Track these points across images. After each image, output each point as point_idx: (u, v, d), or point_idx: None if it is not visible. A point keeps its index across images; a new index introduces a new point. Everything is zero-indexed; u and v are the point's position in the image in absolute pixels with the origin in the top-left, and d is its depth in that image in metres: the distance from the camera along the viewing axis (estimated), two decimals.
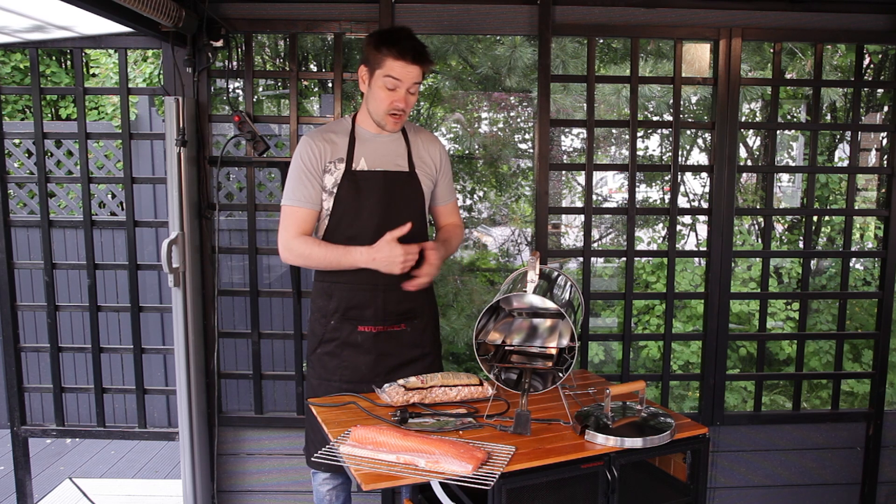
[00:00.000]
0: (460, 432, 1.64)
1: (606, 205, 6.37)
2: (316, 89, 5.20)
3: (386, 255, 1.88)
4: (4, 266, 2.70)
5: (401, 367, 2.06)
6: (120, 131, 2.67)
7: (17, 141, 4.80)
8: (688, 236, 5.68)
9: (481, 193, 5.29)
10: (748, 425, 2.85)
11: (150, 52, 6.24)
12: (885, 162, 2.87)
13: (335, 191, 1.99)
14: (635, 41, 2.64)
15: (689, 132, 5.21)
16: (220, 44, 2.52)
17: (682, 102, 3.54)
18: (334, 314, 2.04)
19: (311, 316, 2.12)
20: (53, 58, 7.35)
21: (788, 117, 5.69)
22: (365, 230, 1.99)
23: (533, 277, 1.76)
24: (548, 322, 1.87)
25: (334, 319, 2.04)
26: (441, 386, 1.85)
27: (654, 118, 4.18)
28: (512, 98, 5.64)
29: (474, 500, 1.60)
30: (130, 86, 2.84)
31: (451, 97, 5.28)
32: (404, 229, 1.90)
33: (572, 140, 5.81)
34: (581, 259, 2.78)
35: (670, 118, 2.78)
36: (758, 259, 3.88)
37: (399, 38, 1.91)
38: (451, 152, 4.97)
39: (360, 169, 2.00)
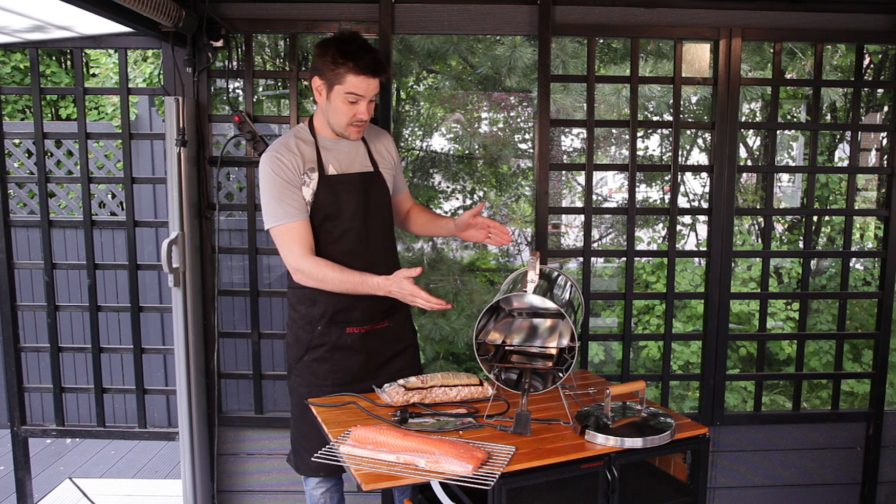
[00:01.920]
0: (460, 432, 1.64)
1: (606, 205, 6.38)
2: None
3: (399, 291, 1.85)
4: (4, 266, 2.70)
5: (387, 363, 2.09)
6: (120, 131, 2.67)
7: (17, 141, 4.80)
8: (688, 236, 5.69)
9: (481, 193, 5.30)
10: (748, 425, 2.85)
11: (150, 52, 6.24)
12: (885, 162, 2.87)
13: (313, 199, 1.96)
14: (635, 41, 2.64)
15: (689, 132, 5.22)
16: (220, 44, 2.52)
17: (682, 102, 3.54)
18: (321, 319, 2.02)
19: (293, 324, 2.08)
20: (53, 58, 7.34)
21: (788, 117, 5.69)
22: (347, 233, 1.99)
23: (533, 277, 1.76)
24: (548, 322, 1.87)
25: (321, 325, 2.03)
26: (441, 386, 1.85)
27: (654, 118, 4.18)
28: (512, 98, 5.64)
29: (474, 500, 1.60)
30: (130, 86, 2.84)
31: (451, 97, 5.28)
32: (416, 271, 1.83)
33: (572, 140, 5.81)
34: (581, 259, 2.78)
35: (670, 118, 2.78)
36: (758, 259, 3.88)
37: (355, 51, 1.87)
38: (451, 152, 4.97)
39: (333, 174, 1.99)
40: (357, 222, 2.00)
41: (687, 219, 5.59)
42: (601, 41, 4.79)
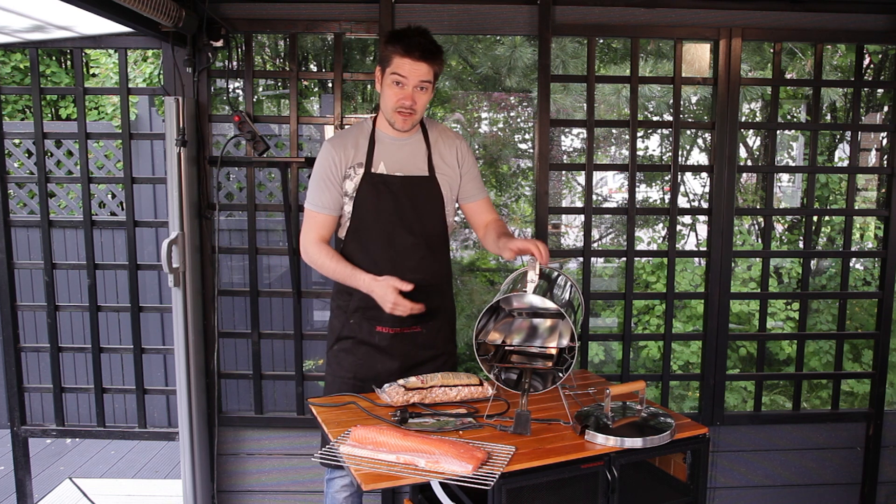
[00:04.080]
0: (460, 432, 1.64)
1: (606, 205, 6.37)
2: (316, 89, 5.21)
3: (381, 294, 1.88)
4: (4, 266, 2.70)
5: (414, 368, 2.07)
6: (120, 131, 2.67)
7: (17, 141, 4.80)
8: (688, 236, 5.68)
9: None
10: (748, 425, 2.85)
11: (150, 52, 6.24)
12: (885, 162, 2.87)
13: (355, 195, 1.99)
14: (635, 41, 2.64)
15: (689, 132, 5.21)
16: (220, 44, 2.52)
17: (682, 102, 3.54)
18: (354, 313, 2.05)
19: (332, 312, 2.14)
20: (53, 58, 7.34)
21: (788, 117, 5.69)
22: (383, 235, 1.99)
23: (533, 277, 1.76)
24: (548, 322, 1.87)
25: (354, 318, 2.06)
26: (441, 386, 1.85)
27: (654, 118, 4.18)
28: (512, 98, 5.64)
29: (474, 500, 1.60)
30: (130, 86, 2.84)
31: (451, 97, 5.28)
32: (408, 286, 1.85)
33: (572, 140, 5.81)
34: (581, 259, 2.78)
35: (670, 118, 2.78)
36: (758, 259, 3.87)
37: (408, 35, 1.90)
38: None
39: (379, 172, 2.00)
40: (392, 225, 1.99)
41: (687, 219, 5.59)
42: (601, 41, 4.79)
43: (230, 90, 2.99)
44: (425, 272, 2.03)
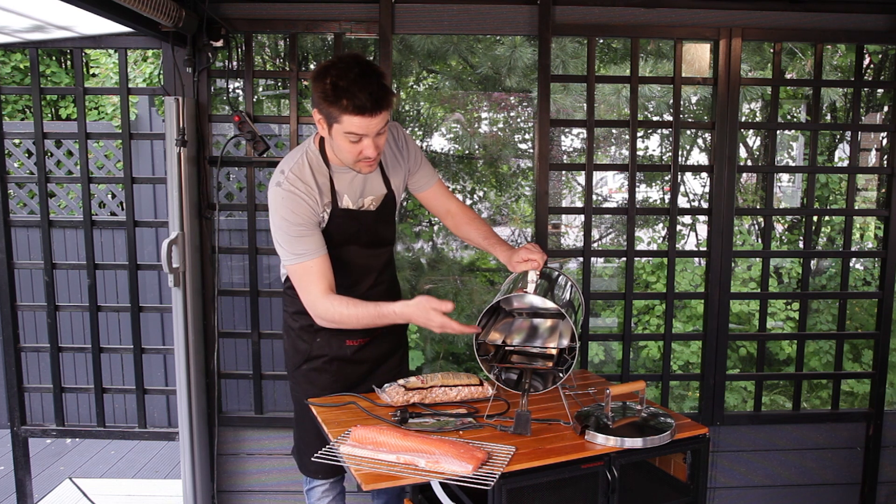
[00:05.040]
0: (460, 432, 1.64)
1: (606, 205, 6.38)
2: None
3: (423, 320, 1.70)
4: (4, 266, 2.70)
5: (378, 367, 2.08)
6: (120, 131, 2.67)
7: (17, 141, 4.80)
8: (688, 236, 5.69)
9: (481, 193, 5.30)
10: (748, 425, 2.85)
11: (150, 52, 6.24)
12: (885, 162, 2.87)
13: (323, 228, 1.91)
14: (635, 41, 2.64)
15: (689, 132, 5.22)
16: (220, 44, 2.52)
17: (682, 102, 3.54)
18: (320, 331, 1.99)
19: (291, 332, 2.06)
20: (53, 58, 7.34)
21: (788, 117, 5.69)
22: (348, 261, 1.96)
23: (533, 277, 1.76)
24: (548, 322, 1.87)
25: (321, 336, 2.01)
26: (441, 386, 1.85)
27: (654, 118, 4.18)
28: (512, 98, 5.64)
29: (474, 500, 1.60)
30: (130, 86, 2.84)
31: (451, 97, 5.28)
32: (449, 306, 1.66)
33: (572, 140, 5.81)
34: (581, 259, 2.78)
35: (670, 118, 2.78)
36: (758, 259, 3.88)
37: (350, 86, 1.64)
38: (451, 152, 4.97)
39: (345, 207, 1.91)
40: (355, 251, 1.97)
41: (687, 219, 5.59)
42: (601, 41, 4.79)
43: (230, 90, 2.99)
44: (387, 274, 2.07)
